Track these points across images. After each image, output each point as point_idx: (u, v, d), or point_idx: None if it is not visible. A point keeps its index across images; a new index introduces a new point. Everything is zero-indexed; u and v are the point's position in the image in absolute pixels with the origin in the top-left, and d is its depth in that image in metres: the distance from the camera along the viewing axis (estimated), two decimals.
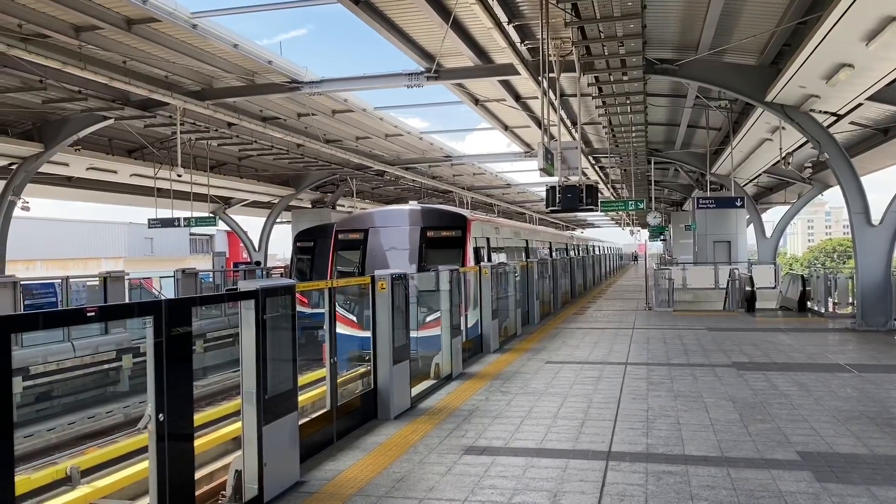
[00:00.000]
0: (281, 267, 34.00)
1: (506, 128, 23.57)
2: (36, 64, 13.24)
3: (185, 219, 24.31)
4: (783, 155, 20.02)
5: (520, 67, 14.05)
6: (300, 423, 6.01)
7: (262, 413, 5.38)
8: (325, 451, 6.79)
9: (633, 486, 5.63)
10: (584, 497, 5.42)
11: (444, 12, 12.25)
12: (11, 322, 3.48)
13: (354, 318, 13.82)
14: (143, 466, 9.43)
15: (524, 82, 16.62)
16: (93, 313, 3.98)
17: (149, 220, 24.88)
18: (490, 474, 6.01)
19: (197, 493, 4.84)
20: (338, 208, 34.59)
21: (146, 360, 4.39)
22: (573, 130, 20.95)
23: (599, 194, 20.87)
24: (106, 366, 17.04)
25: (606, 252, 57.54)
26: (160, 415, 4.34)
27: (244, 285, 5.56)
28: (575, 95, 16.19)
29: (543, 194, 13.79)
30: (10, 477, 3.36)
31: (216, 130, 20.71)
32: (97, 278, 18.93)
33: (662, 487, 5.59)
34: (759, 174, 29.37)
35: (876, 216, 15.15)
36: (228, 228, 35.78)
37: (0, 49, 12.23)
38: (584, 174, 21.38)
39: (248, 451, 5.37)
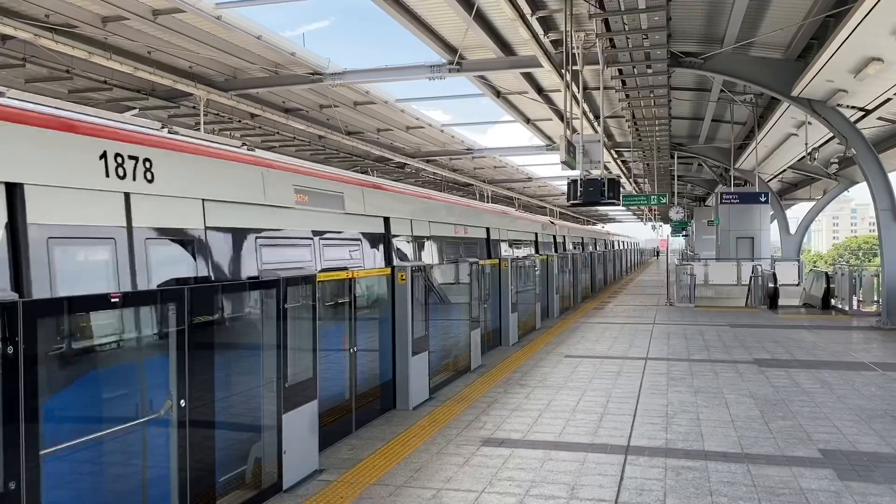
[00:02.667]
0: None
1: (527, 121, 23.47)
2: (63, 54, 13.40)
3: None
4: (809, 150, 19.76)
5: (543, 60, 13.97)
6: (319, 412, 6.04)
7: (282, 401, 5.43)
8: (344, 440, 6.83)
9: (651, 481, 5.60)
10: (602, 490, 5.41)
11: (468, 4, 12.21)
12: (38, 307, 3.53)
13: None
14: None
15: (547, 75, 16.53)
16: (117, 299, 4.02)
17: None
18: (508, 466, 6.01)
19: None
20: None
21: (169, 346, 4.41)
22: (596, 124, 20.83)
23: (621, 188, 20.49)
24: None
25: (622, 248, 49.18)
26: (182, 401, 4.38)
27: (266, 275, 5.61)
28: (598, 88, 16.07)
29: (565, 188, 13.72)
30: (37, 458, 3.42)
31: (239, 121, 20.85)
32: None
33: (681, 482, 5.56)
34: (784, 170, 29.05)
35: None
36: None
37: (28, 39, 12.39)
38: (607, 168, 21.26)
39: (267, 439, 5.42)
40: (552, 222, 27.93)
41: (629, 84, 15.82)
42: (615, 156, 29.41)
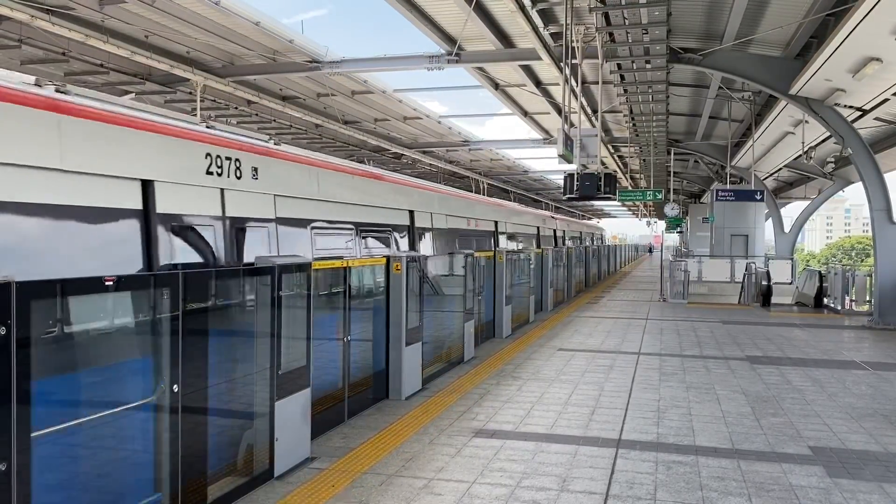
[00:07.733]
0: None
1: (525, 114, 23.43)
2: (59, 36, 13.30)
3: None
4: (805, 149, 19.82)
5: (542, 53, 13.94)
6: (312, 400, 6.03)
7: (275, 388, 5.42)
8: (336, 428, 6.82)
9: (642, 475, 5.62)
10: (593, 483, 5.42)
11: None
12: (31, 288, 3.51)
13: None
14: None
15: (546, 68, 16.48)
16: (111, 282, 4.00)
17: None
18: (499, 457, 6.02)
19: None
20: None
21: (162, 331, 4.40)
22: (593, 118, 20.81)
23: (618, 183, 20.43)
24: None
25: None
26: (174, 386, 4.37)
27: (260, 261, 5.59)
28: (596, 83, 16.05)
29: (561, 182, 13.71)
30: (28, 440, 3.40)
31: (236, 108, 20.75)
32: None
33: (672, 477, 5.57)
34: (780, 168, 29.12)
35: None
36: None
37: (24, 20, 12.28)
38: (603, 163, 21.19)
39: (259, 426, 5.41)
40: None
41: (628, 79, 15.80)
42: (612, 151, 29.40)
